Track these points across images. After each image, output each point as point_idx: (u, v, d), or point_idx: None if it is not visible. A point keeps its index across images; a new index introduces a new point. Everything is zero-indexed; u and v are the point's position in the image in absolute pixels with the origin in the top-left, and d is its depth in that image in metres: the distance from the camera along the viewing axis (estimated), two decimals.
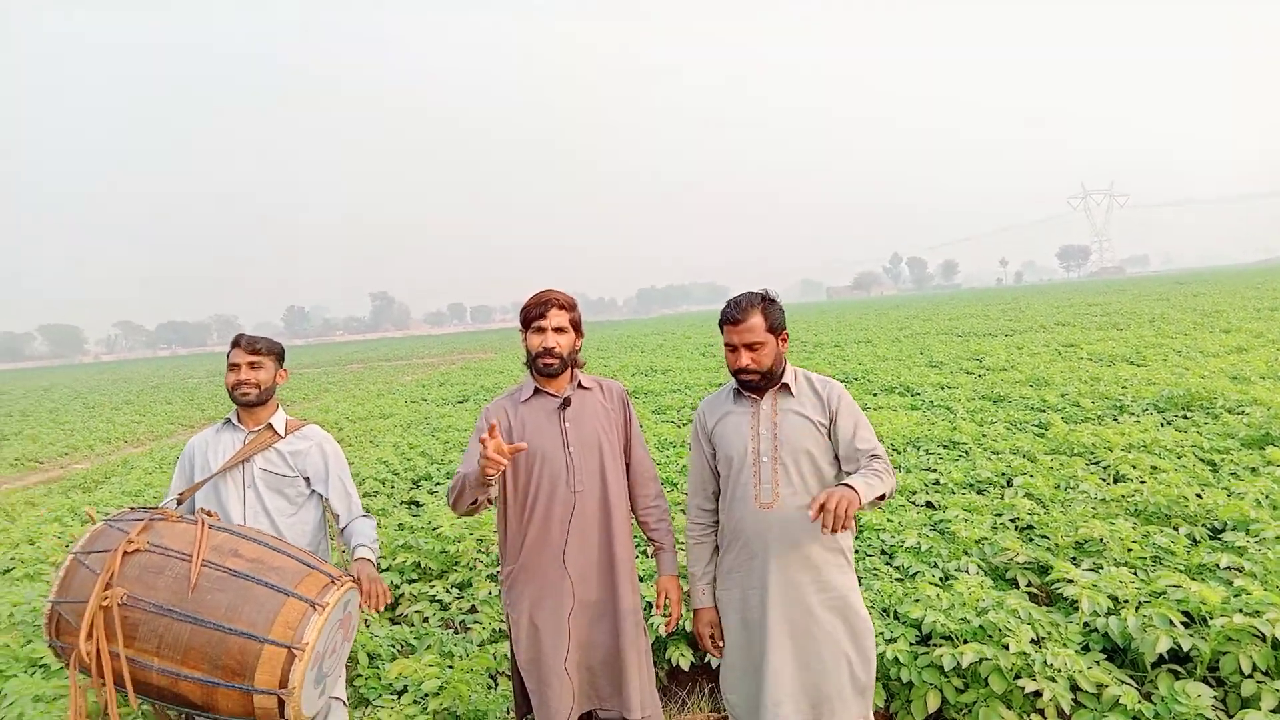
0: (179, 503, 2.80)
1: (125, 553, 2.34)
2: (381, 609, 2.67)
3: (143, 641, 2.29)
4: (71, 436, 17.25)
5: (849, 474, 2.55)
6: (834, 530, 2.13)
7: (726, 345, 2.57)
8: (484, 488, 2.49)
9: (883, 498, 2.37)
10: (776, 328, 2.55)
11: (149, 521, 2.46)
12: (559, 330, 2.70)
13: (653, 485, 2.90)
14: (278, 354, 2.97)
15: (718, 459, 2.68)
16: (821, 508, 2.14)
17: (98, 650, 2.25)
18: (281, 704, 2.30)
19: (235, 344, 2.91)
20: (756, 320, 2.51)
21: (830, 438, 2.58)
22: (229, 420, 2.97)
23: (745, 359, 2.52)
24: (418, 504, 7.15)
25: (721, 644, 2.71)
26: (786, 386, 2.59)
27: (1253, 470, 5.42)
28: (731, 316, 2.53)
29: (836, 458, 2.59)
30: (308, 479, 2.96)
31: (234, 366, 2.88)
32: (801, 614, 2.52)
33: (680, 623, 3.82)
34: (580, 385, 2.80)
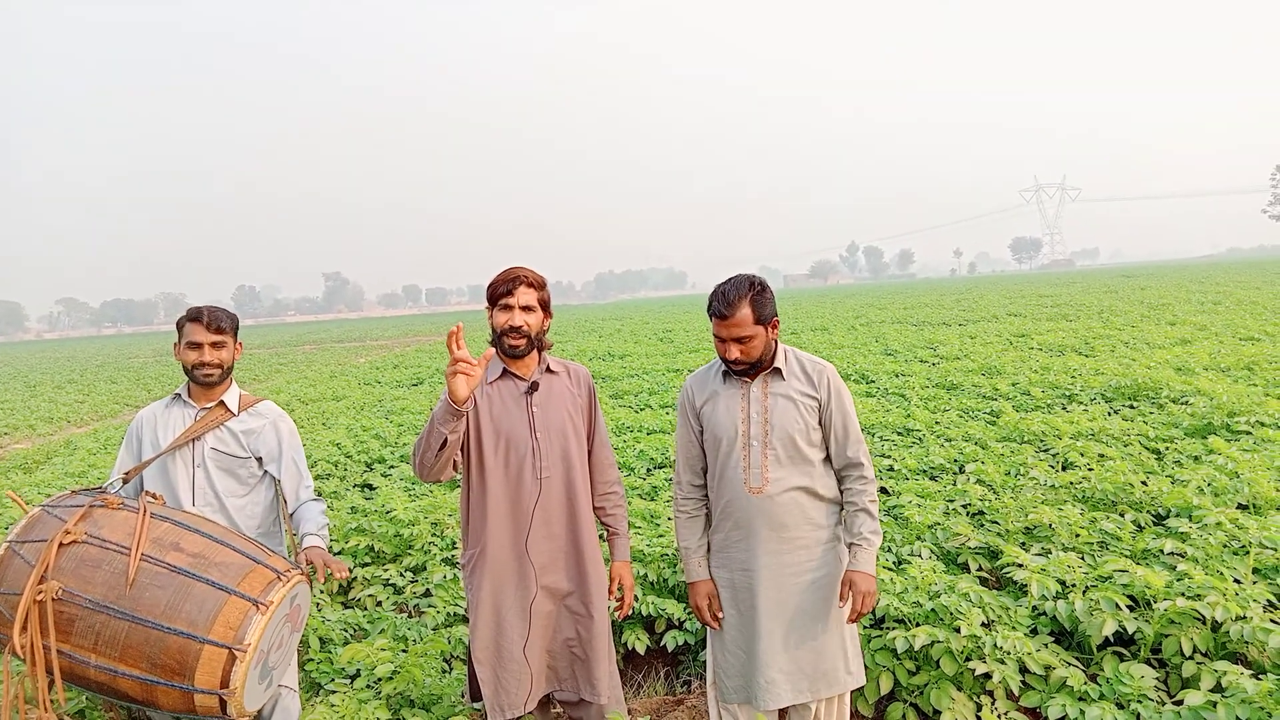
0: (125, 481, 2.69)
1: (61, 544, 2.25)
2: (343, 576, 2.60)
3: (79, 637, 2.22)
4: (11, 416, 16.77)
5: (840, 473, 2.63)
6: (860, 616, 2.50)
7: (715, 336, 2.51)
8: (455, 418, 2.37)
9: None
10: (766, 318, 2.48)
11: (88, 508, 2.37)
12: (527, 309, 2.61)
13: (611, 472, 2.87)
14: (236, 328, 2.85)
15: (705, 437, 2.65)
16: (848, 599, 2.48)
17: (32, 645, 2.18)
18: (223, 702, 2.25)
19: (195, 319, 2.75)
20: (745, 313, 2.43)
21: (820, 422, 2.57)
22: (179, 395, 2.84)
23: (734, 352, 2.47)
24: (371, 487, 7.06)
25: (720, 615, 2.69)
26: (778, 370, 2.56)
27: (1195, 459, 5.55)
28: (719, 312, 2.44)
29: (825, 445, 2.60)
30: (260, 459, 2.85)
31: (195, 346, 2.73)
32: (792, 594, 2.55)
33: (635, 607, 3.84)
34: (548, 369, 2.74)
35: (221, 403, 2.83)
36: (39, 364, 41.18)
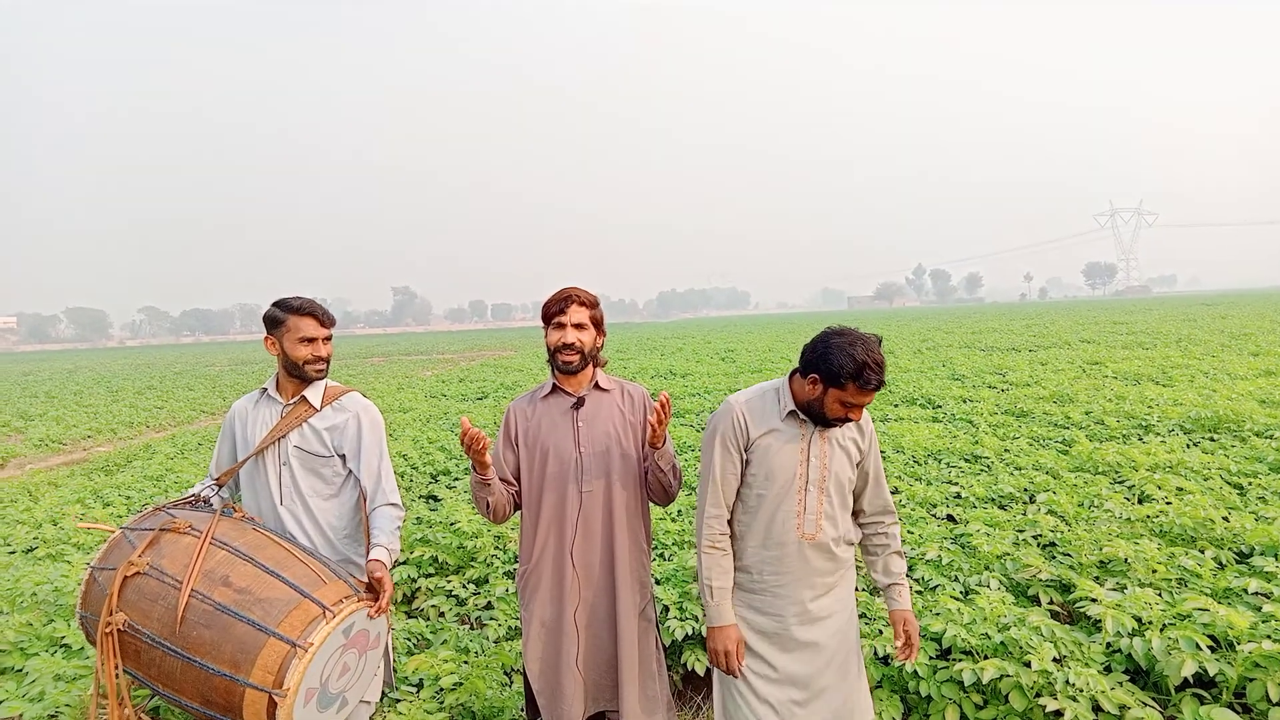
0: (220, 485, 2.76)
1: (126, 576, 2.32)
2: (374, 612, 2.46)
3: (145, 667, 2.31)
4: (95, 419, 17.40)
5: (875, 516, 2.66)
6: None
7: (843, 403, 2.38)
8: (482, 485, 2.60)
9: None
10: None
11: (157, 534, 2.42)
12: (579, 326, 2.70)
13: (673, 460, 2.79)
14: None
15: (750, 470, 2.53)
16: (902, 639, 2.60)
17: (108, 670, 2.29)
18: None
19: (309, 313, 2.70)
20: None
21: (858, 466, 2.57)
22: (265, 390, 2.80)
23: (860, 416, 2.43)
24: (436, 498, 7.17)
25: (742, 664, 2.54)
26: None
27: None
28: (880, 383, 2.35)
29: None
30: (344, 456, 2.77)
31: (309, 340, 2.69)
32: (831, 633, 2.53)
33: (695, 627, 3.82)
34: (598, 386, 2.80)
35: (303, 398, 2.76)
36: (121, 370, 42.74)
